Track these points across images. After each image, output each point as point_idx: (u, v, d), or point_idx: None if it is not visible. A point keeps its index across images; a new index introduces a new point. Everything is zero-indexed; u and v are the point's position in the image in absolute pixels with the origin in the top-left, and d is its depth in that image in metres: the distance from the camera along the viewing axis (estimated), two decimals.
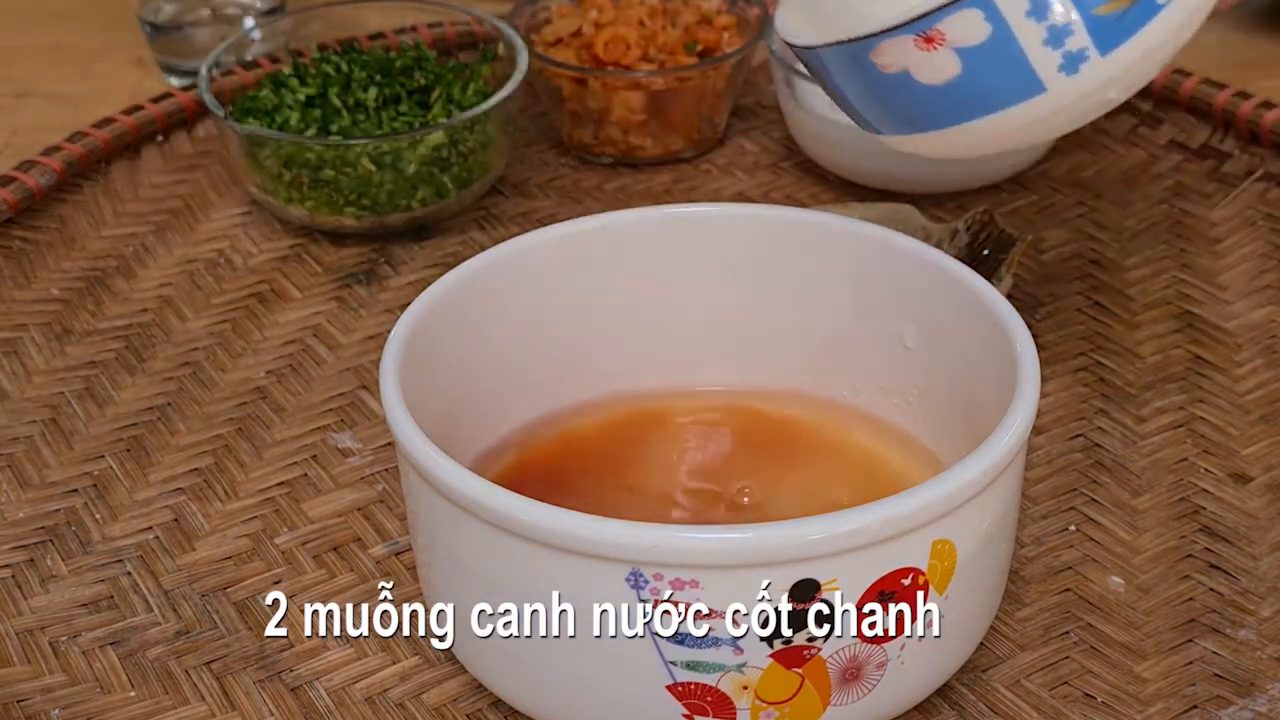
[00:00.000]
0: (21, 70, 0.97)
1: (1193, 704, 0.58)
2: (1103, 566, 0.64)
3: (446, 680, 0.60)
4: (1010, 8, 0.59)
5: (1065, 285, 0.77)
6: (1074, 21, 0.59)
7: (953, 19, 0.59)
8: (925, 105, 0.62)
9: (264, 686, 0.60)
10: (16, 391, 0.74)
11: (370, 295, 0.78)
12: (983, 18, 0.59)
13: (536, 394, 0.65)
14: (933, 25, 0.59)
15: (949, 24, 0.59)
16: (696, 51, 0.85)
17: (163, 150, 0.88)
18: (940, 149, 0.64)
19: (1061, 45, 0.59)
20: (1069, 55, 0.59)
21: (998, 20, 0.59)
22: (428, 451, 0.54)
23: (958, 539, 0.53)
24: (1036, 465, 0.68)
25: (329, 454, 0.70)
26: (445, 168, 0.80)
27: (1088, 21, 0.59)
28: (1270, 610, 0.62)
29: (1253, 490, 0.67)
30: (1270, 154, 0.84)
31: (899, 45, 0.60)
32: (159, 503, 0.68)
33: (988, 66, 0.60)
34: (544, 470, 0.63)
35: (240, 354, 0.75)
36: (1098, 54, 0.59)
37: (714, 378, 0.66)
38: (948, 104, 0.61)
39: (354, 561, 0.65)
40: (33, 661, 0.62)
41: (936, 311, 0.61)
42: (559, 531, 0.51)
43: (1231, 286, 0.77)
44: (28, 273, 0.80)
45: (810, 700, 0.53)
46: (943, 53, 0.60)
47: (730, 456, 0.64)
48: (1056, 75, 0.60)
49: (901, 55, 0.60)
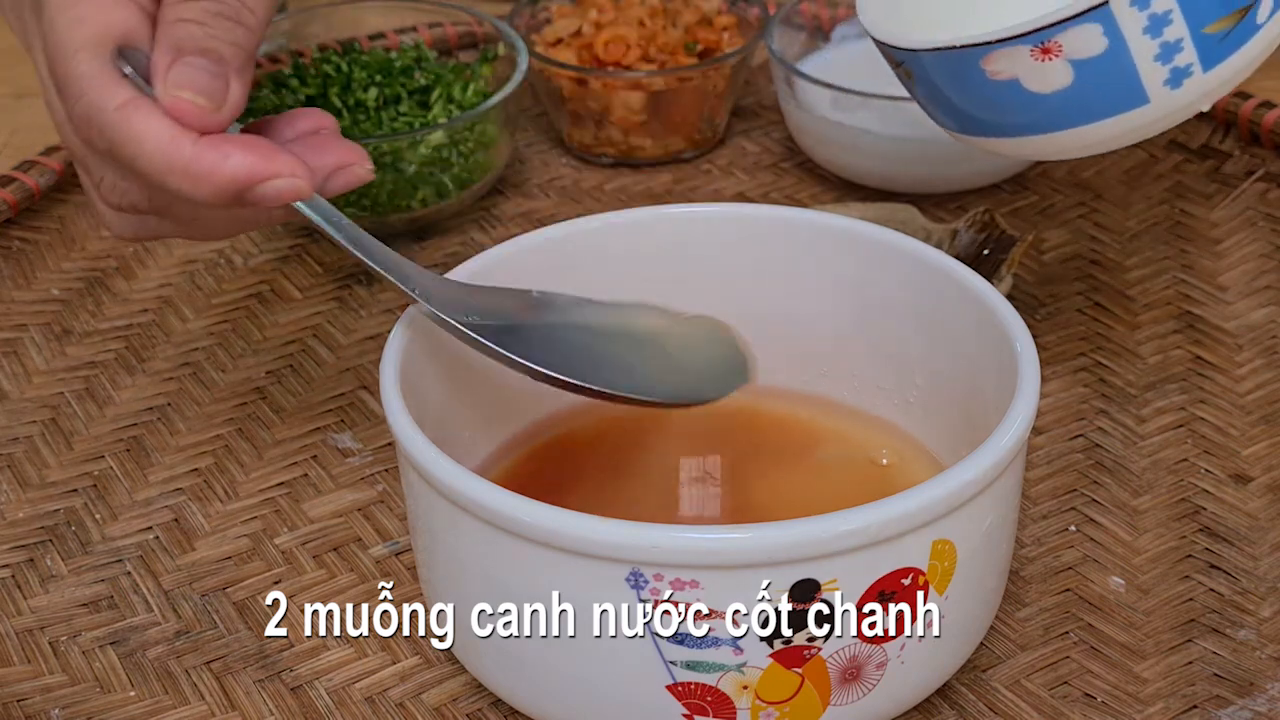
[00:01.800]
0: (21, 70, 0.96)
1: (1193, 704, 0.58)
2: (1103, 566, 0.64)
3: (446, 680, 0.60)
4: (1129, 23, 0.60)
5: (1065, 285, 0.77)
6: (1184, 39, 0.61)
7: (1074, 32, 0.61)
8: (1024, 112, 0.63)
9: (264, 686, 0.60)
10: (16, 391, 0.74)
11: (370, 295, 0.78)
12: (1102, 32, 0.61)
13: (536, 394, 0.64)
14: (1053, 37, 0.61)
15: (1069, 36, 0.61)
16: (697, 52, 0.85)
17: None
18: (1023, 151, 0.65)
19: (1170, 61, 0.61)
20: (1175, 70, 0.61)
21: (1115, 35, 0.61)
22: (428, 451, 0.54)
23: (958, 539, 0.53)
24: (1036, 465, 0.68)
25: (329, 454, 0.70)
26: (445, 168, 0.80)
27: (1196, 39, 0.61)
28: (1270, 610, 0.62)
29: (1253, 491, 0.67)
30: (1270, 154, 0.84)
31: (1014, 54, 0.61)
32: (159, 503, 0.68)
33: (1098, 78, 0.62)
34: (544, 470, 0.63)
35: (240, 354, 0.75)
36: (1201, 69, 0.61)
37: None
38: (1049, 112, 0.63)
39: (354, 561, 0.65)
40: (33, 661, 0.62)
41: (936, 311, 0.61)
42: (559, 531, 0.51)
43: (1231, 287, 0.77)
44: (28, 273, 0.80)
45: (810, 700, 0.53)
46: (1057, 63, 0.61)
47: (730, 456, 0.64)
48: (1161, 89, 0.62)
49: (1014, 64, 0.62)
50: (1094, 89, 0.62)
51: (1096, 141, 0.64)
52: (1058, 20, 0.61)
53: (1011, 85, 0.62)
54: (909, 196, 0.81)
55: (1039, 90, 0.62)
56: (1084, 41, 0.61)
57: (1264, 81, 0.89)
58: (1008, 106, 0.63)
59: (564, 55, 0.85)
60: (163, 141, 0.54)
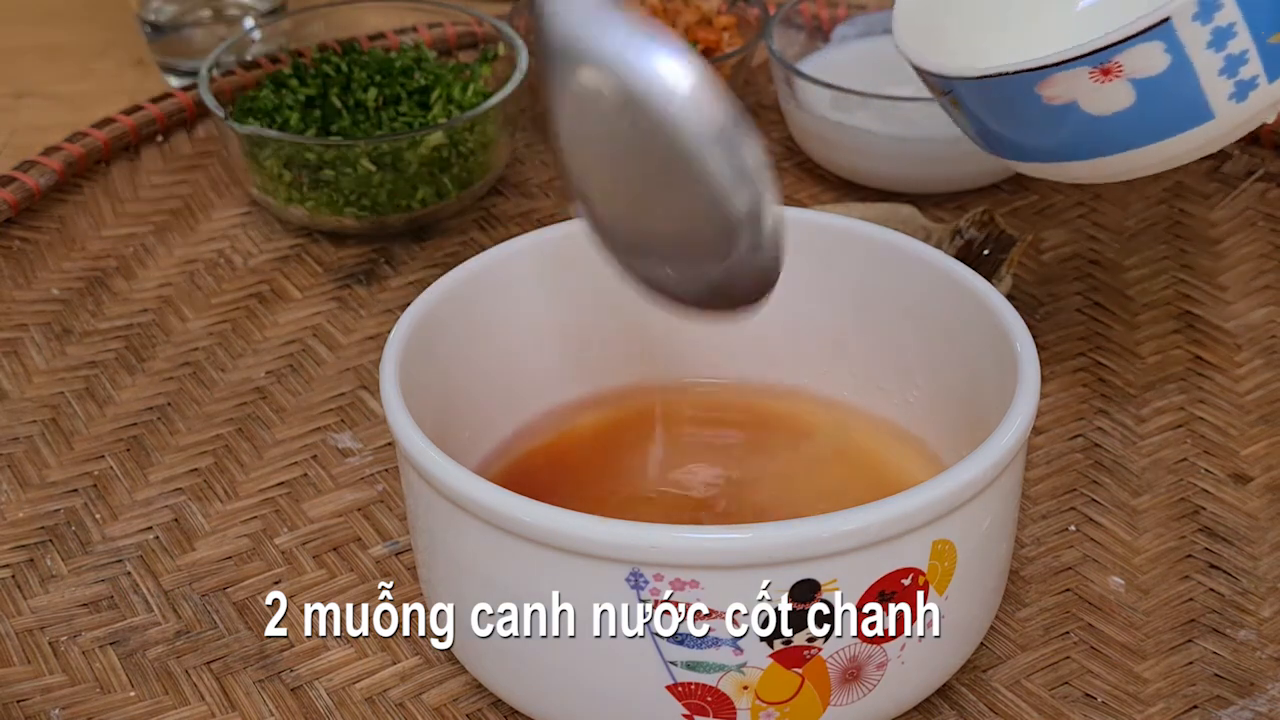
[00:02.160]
0: (21, 70, 0.97)
1: (1193, 704, 0.58)
2: (1103, 566, 0.64)
3: (446, 680, 0.60)
4: (1191, 38, 0.59)
5: (1065, 285, 0.77)
6: (1249, 50, 0.59)
7: (1134, 51, 0.59)
8: (1084, 135, 0.62)
9: (264, 686, 0.60)
10: (16, 391, 0.74)
11: (370, 295, 0.78)
12: (1164, 49, 0.59)
13: (536, 393, 0.65)
14: (1113, 57, 0.59)
15: (1129, 55, 0.59)
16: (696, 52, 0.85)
17: (163, 150, 0.88)
18: (1082, 174, 0.64)
19: (1235, 74, 0.59)
20: (1241, 83, 0.60)
21: (1178, 51, 0.59)
22: (428, 451, 0.54)
23: (958, 539, 0.53)
24: (1036, 465, 0.68)
25: (329, 454, 0.70)
26: (445, 168, 0.80)
27: (1261, 50, 0.59)
28: (1270, 610, 0.62)
29: (1253, 490, 0.67)
30: (1270, 154, 0.84)
31: (1073, 78, 0.60)
32: (159, 503, 0.68)
33: (1162, 97, 0.60)
34: (544, 470, 0.63)
35: (240, 354, 0.75)
36: (1266, 80, 0.60)
37: (714, 378, 0.66)
38: (1111, 134, 0.61)
39: (354, 561, 0.65)
40: (33, 661, 0.62)
41: (936, 311, 0.61)
42: (559, 531, 0.51)
43: (1231, 286, 0.77)
44: (28, 273, 0.80)
45: (810, 700, 0.53)
46: (1117, 84, 0.59)
47: (730, 457, 0.64)
48: (1227, 103, 0.60)
49: (1073, 87, 0.60)
50: (1157, 108, 0.60)
51: (1159, 161, 0.62)
52: (1119, 40, 0.59)
53: (1069, 109, 0.61)
54: (909, 196, 0.81)
55: (1099, 112, 0.61)
56: (1146, 60, 0.59)
57: None
58: (1067, 131, 0.62)
59: None
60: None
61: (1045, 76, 0.60)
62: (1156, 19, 0.58)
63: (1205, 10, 0.59)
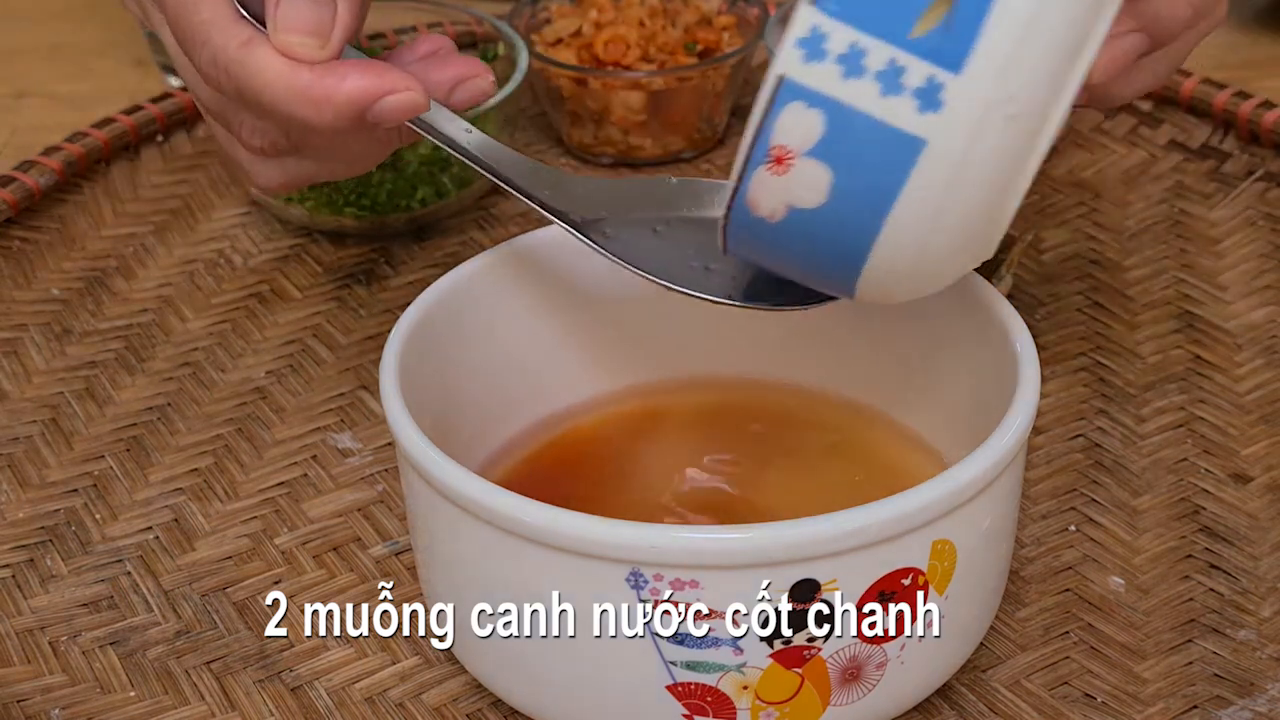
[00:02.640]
0: (21, 70, 0.97)
1: (1193, 704, 0.58)
2: (1103, 566, 0.64)
3: (446, 680, 0.60)
4: (821, 81, 0.50)
5: (1065, 285, 0.77)
6: (896, 57, 0.49)
7: (780, 127, 0.50)
8: (836, 230, 0.52)
9: (264, 686, 0.60)
10: (16, 391, 0.74)
11: (370, 295, 0.78)
12: (806, 106, 0.50)
13: (536, 393, 0.65)
14: (768, 145, 0.51)
15: (781, 133, 0.50)
16: (696, 52, 0.85)
17: (163, 150, 0.88)
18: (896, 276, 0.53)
19: (900, 88, 0.49)
20: (920, 92, 0.49)
21: (820, 99, 0.50)
22: (428, 451, 0.54)
23: (958, 539, 0.53)
24: (1036, 465, 0.68)
25: (329, 454, 0.70)
26: (445, 167, 0.80)
27: (913, 49, 0.49)
28: (1270, 610, 0.62)
29: (1253, 490, 0.67)
30: (1270, 154, 0.84)
31: (760, 184, 0.51)
32: (159, 503, 0.68)
33: (850, 153, 0.50)
34: (544, 470, 0.63)
35: (240, 354, 0.75)
36: (950, 74, 0.49)
37: (714, 377, 0.66)
38: (852, 215, 0.51)
39: (354, 561, 0.65)
40: (33, 661, 0.62)
41: (936, 311, 0.61)
42: (559, 531, 0.51)
43: (1231, 286, 0.77)
44: (28, 273, 0.80)
45: (810, 700, 0.53)
46: (800, 164, 0.51)
47: (730, 456, 0.64)
48: (922, 118, 0.49)
49: (771, 193, 0.52)
50: (859, 165, 0.50)
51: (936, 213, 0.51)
52: (758, 124, 0.51)
53: (798, 216, 0.51)
54: None
55: (819, 202, 0.51)
56: (800, 125, 0.50)
57: (1264, 81, 0.89)
58: (819, 239, 0.52)
59: (564, 55, 0.85)
60: (283, 72, 0.56)
61: (741, 198, 0.52)
62: (772, 84, 0.50)
63: (813, 48, 0.50)
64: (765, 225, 0.52)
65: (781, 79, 0.50)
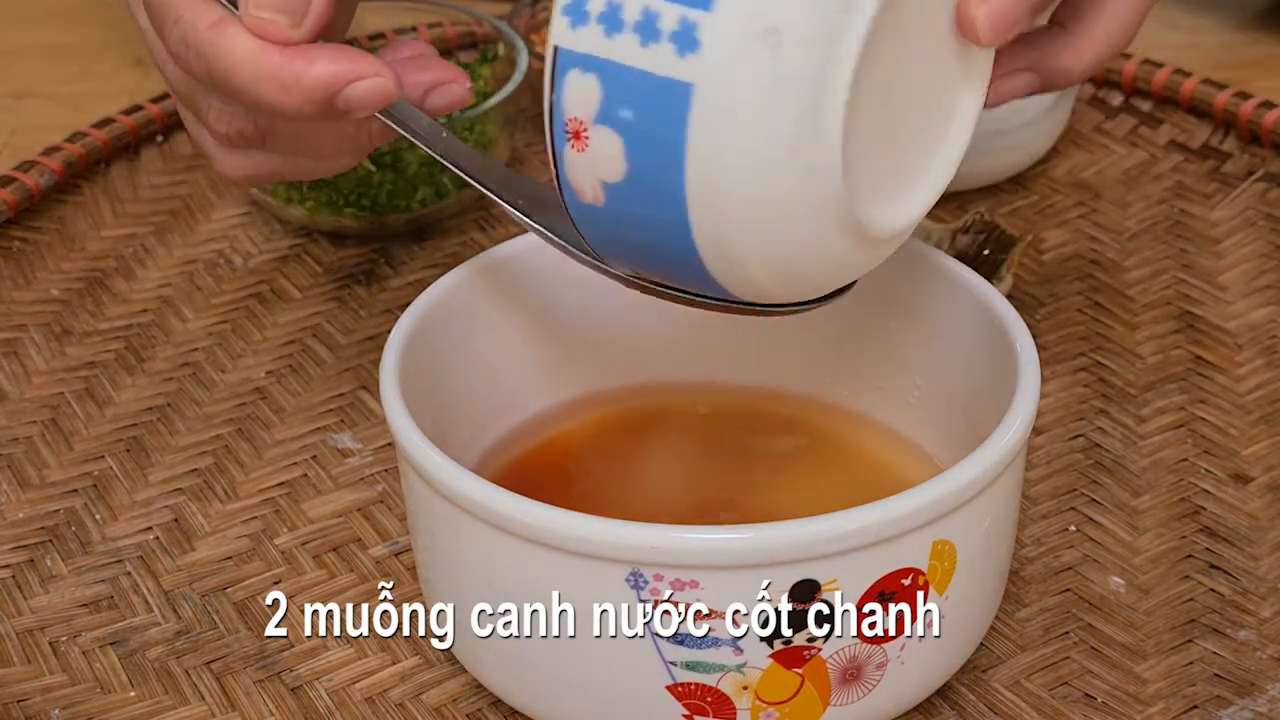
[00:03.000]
0: (21, 70, 0.97)
1: (1193, 704, 0.58)
2: (1103, 567, 0.64)
3: (446, 680, 0.60)
4: (592, 44, 0.49)
5: (1065, 285, 0.77)
6: (650, 5, 0.49)
7: (568, 99, 0.50)
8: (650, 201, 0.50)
9: (264, 686, 0.60)
10: (16, 392, 0.74)
11: (370, 295, 0.78)
12: (581, 73, 0.50)
13: (536, 393, 0.65)
14: (564, 119, 0.50)
15: (571, 105, 0.50)
16: None
17: (162, 150, 0.88)
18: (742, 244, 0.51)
19: (659, 36, 0.48)
20: (676, 35, 0.48)
21: (591, 63, 0.49)
22: (428, 451, 0.54)
23: (958, 539, 0.53)
24: (1036, 465, 0.68)
25: (329, 454, 0.70)
26: (445, 169, 0.80)
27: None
28: (1270, 611, 0.62)
29: (1253, 490, 0.67)
30: (1270, 154, 0.84)
31: (572, 166, 0.51)
32: (159, 503, 0.68)
33: (629, 111, 0.49)
34: (544, 470, 0.63)
35: (240, 354, 0.75)
36: (702, 12, 0.48)
37: (713, 378, 0.66)
38: (655, 178, 0.50)
39: (354, 561, 0.65)
40: (33, 661, 0.62)
41: (936, 311, 0.61)
42: (559, 531, 0.51)
43: (1231, 286, 0.77)
44: (28, 273, 0.80)
45: (810, 700, 0.53)
46: (594, 134, 0.50)
47: (730, 456, 0.64)
48: (683, 63, 0.48)
49: (581, 173, 0.51)
50: (640, 122, 0.49)
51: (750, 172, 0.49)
52: (549, 105, 0.50)
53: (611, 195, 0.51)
54: None
55: (620, 173, 0.50)
56: (582, 91, 0.50)
57: (1264, 81, 0.89)
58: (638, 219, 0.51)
59: None
60: (252, 52, 0.55)
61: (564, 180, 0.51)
62: (550, 56, 0.50)
63: (576, 13, 0.49)
64: (596, 212, 0.52)
65: (556, 50, 0.50)
